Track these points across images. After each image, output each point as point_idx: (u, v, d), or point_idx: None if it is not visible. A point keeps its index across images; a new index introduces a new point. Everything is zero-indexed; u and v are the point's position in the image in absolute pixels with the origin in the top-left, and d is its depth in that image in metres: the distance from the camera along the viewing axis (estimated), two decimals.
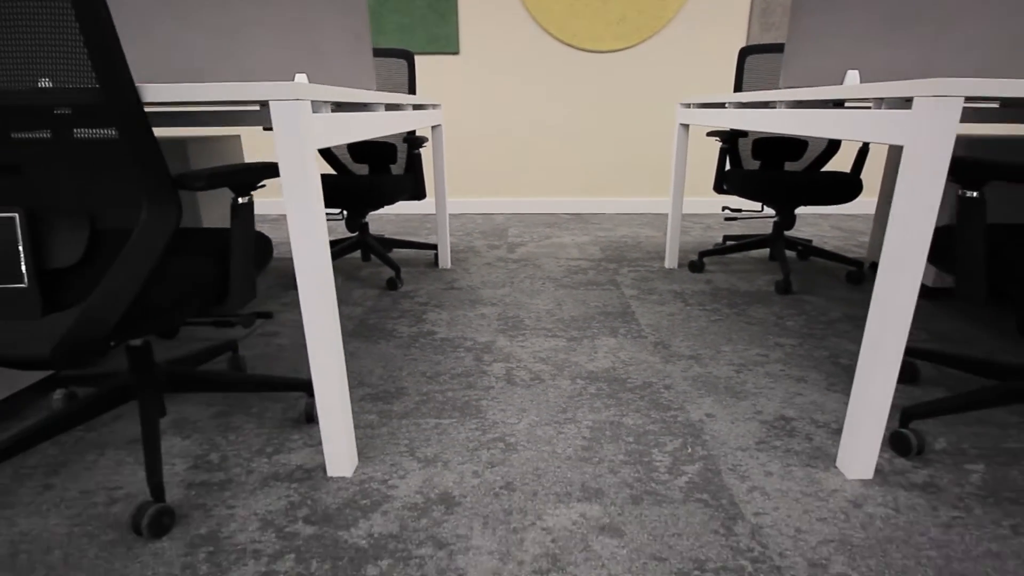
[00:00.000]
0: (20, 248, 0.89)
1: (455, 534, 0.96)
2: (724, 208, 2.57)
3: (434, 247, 2.59)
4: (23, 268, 0.89)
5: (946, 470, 1.12)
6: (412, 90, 2.42)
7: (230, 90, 0.88)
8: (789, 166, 2.52)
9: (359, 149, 2.47)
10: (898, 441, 1.17)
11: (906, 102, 0.96)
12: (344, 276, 2.45)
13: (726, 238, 2.75)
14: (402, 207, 3.96)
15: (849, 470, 1.10)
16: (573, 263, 2.60)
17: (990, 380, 1.43)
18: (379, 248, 2.41)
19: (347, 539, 0.95)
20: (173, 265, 1.01)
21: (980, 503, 1.03)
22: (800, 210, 3.78)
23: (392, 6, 3.45)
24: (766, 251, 2.78)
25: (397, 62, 2.38)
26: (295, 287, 2.28)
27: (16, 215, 0.88)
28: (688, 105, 2.25)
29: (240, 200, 1.04)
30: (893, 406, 1.36)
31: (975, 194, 1.06)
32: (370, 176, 2.33)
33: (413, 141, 2.32)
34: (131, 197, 0.92)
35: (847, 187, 2.15)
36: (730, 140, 2.39)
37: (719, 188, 2.40)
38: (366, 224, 2.45)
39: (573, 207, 3.87)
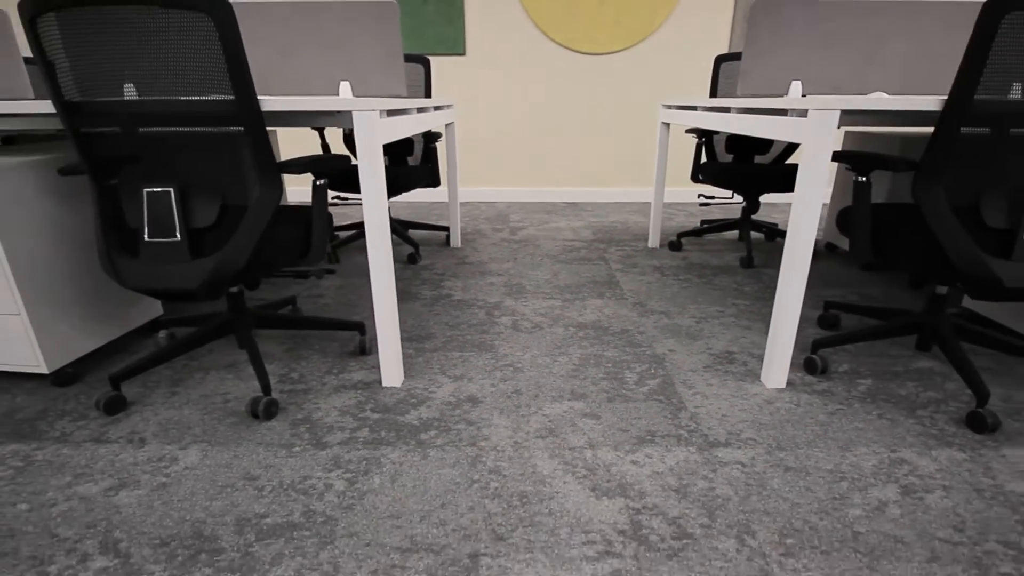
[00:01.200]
0: (174, 212, 1.26)
1: (480, 418, 1.34)
2: (700, 196, 2.95)
3: (446, 229, 2.96)
4: (176, 226, 1.27)
5: (841, 383, 1.51)
6: (428, 92, 2.79)
7: (326, 103, 1.25)
8: (759, 159, 2.89)
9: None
10: (808, 363, 1.55)
11: (804, 112, 1.34)
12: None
13: (703, 222, 3.13)
14: (414, 195, 4.33)
15: (768, 382, 1.48)
16: (568, 243, 2.98)
17: (882, 321, 1.82)
18: (400, 228, 2.79)
19: (403, 420, 1.33)
20: (275, 229, 1.38)
21: (860, 401, 1.41)
22: (775, 198, 4.16)
23: (405, 10, 3.81)
24: (736, 232, 3.15)
25: (415, 67, 2.74)
26: (331, 263, 2.65)
27: (171, 189, 1.26)
28: (669, 106, 2.62)
29: (319, 182, 1.42)
30: (809, 340, 1.74)
31: (864, 179, 1.44)
32: (392, 167, 2.70)
33: (429, 136, 2.69)
34: (249, 179, 1.29)
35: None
36: (705, 136, 2.76)
37: (695, 178, 2.77)
38: (388, 208, 2.82)
39: (569, 196, 4.24)
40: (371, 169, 1.31)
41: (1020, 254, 1.24)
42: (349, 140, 2.88)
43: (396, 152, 2.84)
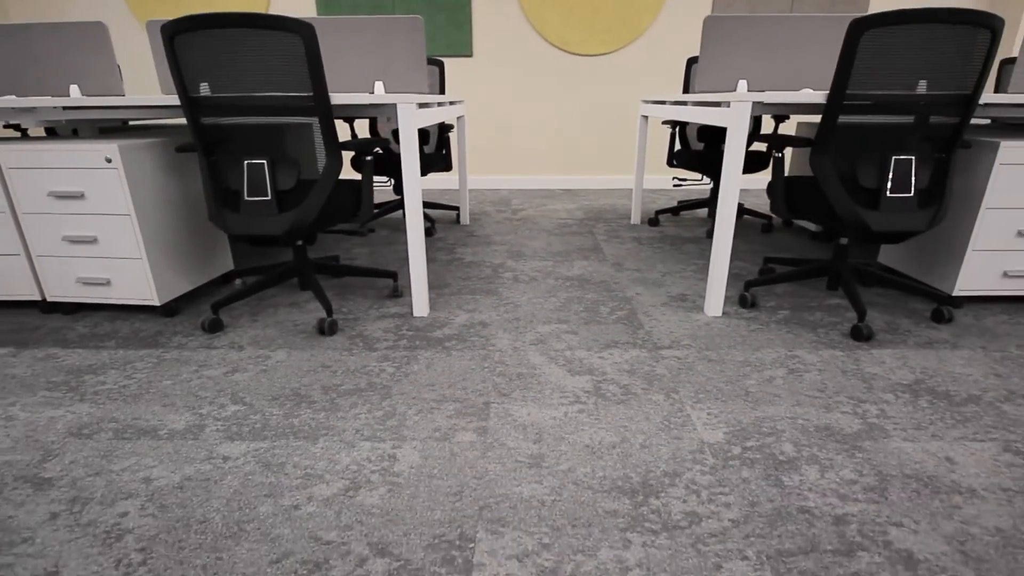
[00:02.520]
0: (267, 178, 1.72)
1: (488, 333, 1.80)
2: (674, 179, 3.40)
3: (457, 208, 3.42)
4: (268, 188, 1.72)
5: (765, 313, 1.96)
6: (442, 90, 3.24)
7: (379, 98, 1.70)
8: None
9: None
10: (741, 299, 2.01)
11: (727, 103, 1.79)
12: (392, 228, 3.28)
13: (679, 202, 3.58)
14: (428, 181, 4.78)
15: (708, 311, 1.94)
16: (561, 221, 3.43)
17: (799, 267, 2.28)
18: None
19: (431, 335, 1.79)
20: (336, 193, 1.84)
21: (776, 323, 1.87)
22: (746, 181, 4.60)
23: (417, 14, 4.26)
24: (706, 210, 3.60)
25: (432, 68, 3.19)
26: (361, 234, 3.11)
27: (264, 161, 1.71)
28: (647, 101, 3.07)
29: (367, 158, 1.87)
30: (741, 281, 2.19)
31: (780, 155, 1.89)
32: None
33: (443, 127, 3.15)
34: (319, 154, 1.75)
35: (760, 160, 2.97)
36: (678, 126, 3.21)
37: (670, 163, 3.22)
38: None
39: (564, 183, 4.69)
40: (410, 145, 1.77)
41: (884, 207, 1.69)
42: (373, 130, 3.33)
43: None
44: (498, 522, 1.02)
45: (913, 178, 1.68)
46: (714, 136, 3.24)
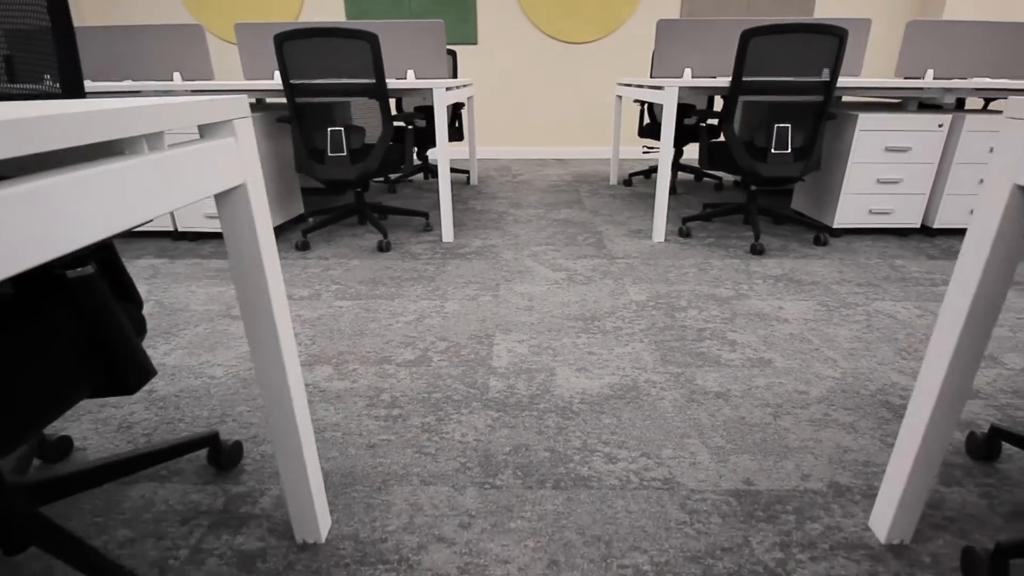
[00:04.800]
0: (343, 140, 2.47)
1: (496, 251, 2.57)
2: (643, 148, 4.14)
3: (467, 172, 4.17)
4: (344, 147, 2.48)
5: (696, 240, 2.73)
6: (455, 75, 3.96)
7: (423, 84, 2.44)
8: (687, 122, 4.07)
9: (422, 109, 4.02)
10: (680, 231, 2.78)
11: (666, 88, 2.54)
12: (414, 187, 4.04)
13: (650, 167, 4.33)
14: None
15: (654, 238, 2.71)
16: (552, 183, 4.18)
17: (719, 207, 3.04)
18: (435, 169, 3.99)
19: (457, 251, 2.56)
20: (388, 152, 2.59)
21: (701, 246, 2.64)
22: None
23: (430, 9, 4.95)
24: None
25: (448, 57, 3.91)
26: (392, 191, 3.86)
27: (342, 129, 2.46)
28: (620, 83, 3.80)
29: (409, 126, 2.62)
30: (679, 219, 2.96)
31: (703, 124, 2.64)
32: (429, 127, 3.90)
33: (456, 105, 3.88)
34: (378, 124, 2.50)
35: (713, 131, 3.71)
36: (645, 104, 3.94)
37: (640, 134, 3.96)
38: (427, 156, 4.02)
39: (556, 153, 5.43)
40: (441, 116, 2.52)
41: (770, 160, 2.45)
42: (398, 108, 4.06)
43: (431, 115, 4.02)
44: (506, 329, 1.81)
45: (790, 140, 2.44)
46: (678, 111, 3.97)
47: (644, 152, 4.09)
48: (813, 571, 0.97)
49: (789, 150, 2.45)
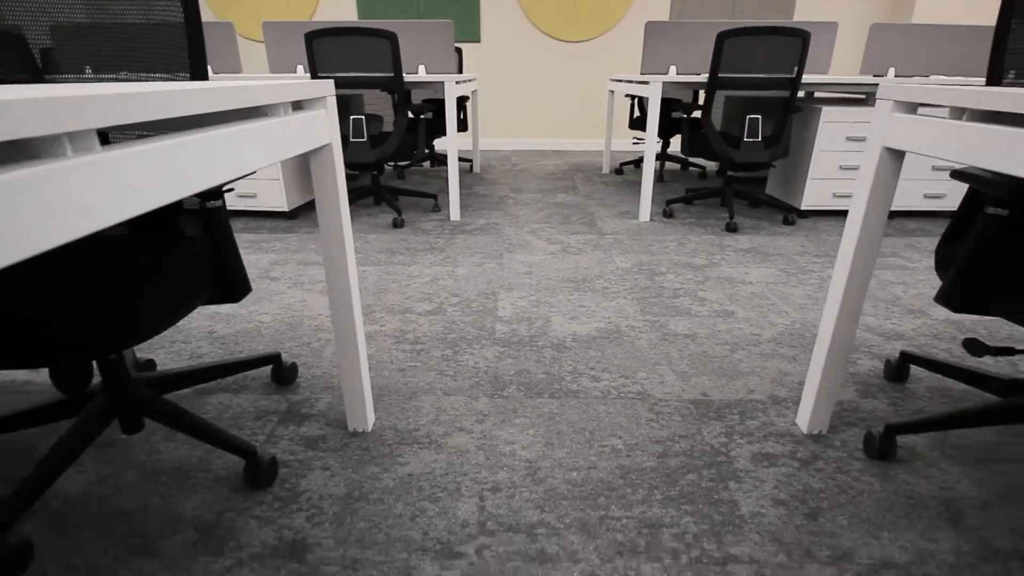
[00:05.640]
0: (364, 127, 2.76)
1: (499, 228, 2.87)
2: (633, 139, 4.44)
3: (471, 160, 4.45)
4: (364, 133, 2.76)
5: (678, 219, 3.03)
6: (460, 70, 4.24)
7: (435, 78, 2.73)
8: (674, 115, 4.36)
9: (429, 102, 4.30)
10: (664, 212, 3.08)
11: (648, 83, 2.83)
12: (421, 173, 4.33)
13: (639, 157, 4.63)
14: (448, 138, 5.80)
15: (640, 218, 3.01)
16: (550, 172, 4.48)
17: (702, 191, 3.35)
18: (442, 158, 4.28)
19: (464, 228, 2.86)
20: (403, 138, 2.88)
21: (682, 225, 2.94)
22: None
23: (437, 9, 5.23)
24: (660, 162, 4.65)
25: (454, 54, 4.19)
26: (401, 177, 4.14)
27: (363, 117, 2.75)
28: (612, 79, 4.09)
29: (422, 117, 2.91)
30: (664, 202, 3.26)
31: (686, 116, 2.94)
32: (436, 118, 4.18)
33: (462, 97, 4.16)
34: (393, 113, 2.79)
35: (698, 123, 4.01)
36: (636, 98, 4.23)
37: (630, 126, 4.25)
38: (433, 145, 4.31)
39: (553, 145, 5.72)
40: (452, 107, 2.81)
41: (743, 148, 2.75)
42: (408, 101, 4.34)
43: (439, 107, 4.31)
44: (508, 288, 2.11)
45: (760, 130, 2.74)
46: (666, 105, 4.28)
47: (634, 143, 4.39)
48: (749, 450, 1.27)
49: (760, 138, 2.75)
